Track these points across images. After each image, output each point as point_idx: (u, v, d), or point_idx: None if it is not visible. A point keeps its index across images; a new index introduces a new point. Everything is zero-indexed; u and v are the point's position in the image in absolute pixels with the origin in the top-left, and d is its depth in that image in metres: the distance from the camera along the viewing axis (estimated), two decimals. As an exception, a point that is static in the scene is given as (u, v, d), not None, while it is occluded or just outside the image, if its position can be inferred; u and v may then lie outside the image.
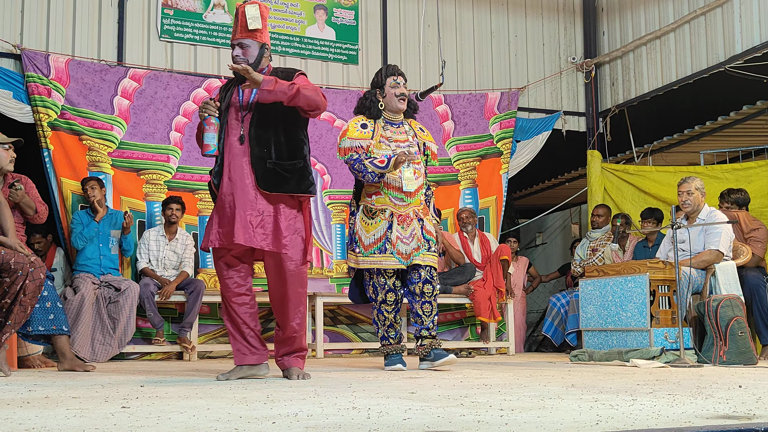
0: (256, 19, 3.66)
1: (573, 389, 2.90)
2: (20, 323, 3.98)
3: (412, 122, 4.68)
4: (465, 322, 7.47)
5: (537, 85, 8.27)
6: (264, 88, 3.52)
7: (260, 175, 3.59)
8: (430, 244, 4.48)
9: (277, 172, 3.60)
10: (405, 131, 4.58)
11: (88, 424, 1.90)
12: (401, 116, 4.63)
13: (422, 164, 4.59)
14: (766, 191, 6.74)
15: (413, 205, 4.50)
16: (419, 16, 7.73)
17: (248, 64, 3.64)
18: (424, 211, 4.56)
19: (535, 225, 10.79)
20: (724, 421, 1.92)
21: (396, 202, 4.48)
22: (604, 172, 7.92)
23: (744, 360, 4.79)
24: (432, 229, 4.54)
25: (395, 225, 4.45)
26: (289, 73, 3.74)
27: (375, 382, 3.40)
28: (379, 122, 4.58)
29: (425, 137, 4.66)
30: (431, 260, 4.47)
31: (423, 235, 4.47)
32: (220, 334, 6.75)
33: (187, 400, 2.54)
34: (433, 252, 4.50)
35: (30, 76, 6.34)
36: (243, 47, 3.68)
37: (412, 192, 4.47)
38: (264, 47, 3.72)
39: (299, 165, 3.65)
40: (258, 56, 3.70)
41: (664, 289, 5.16)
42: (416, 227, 4.46)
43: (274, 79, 3.54)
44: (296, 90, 3.53)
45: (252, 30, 3.66)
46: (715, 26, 7.02)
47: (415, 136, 4.60)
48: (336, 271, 7.24)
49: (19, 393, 2.87)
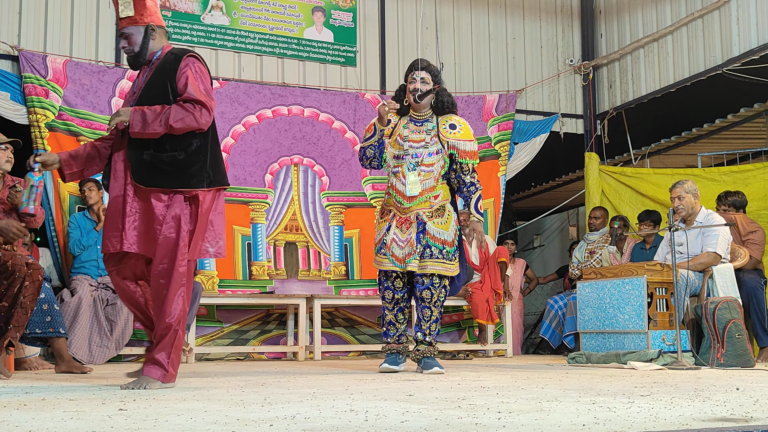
0: (128, 4, 3.38)
1: (570, 392, 2.90)
2: (22, 326, 3.96)
3: (443, 119, 4.50)
4: (463, 324, 7.47)
5: (535, 88, 8.28)
6: (132, 130, 3.26)
7: (135, 168, 3.31)
8: (432, 249, 4.36)
9: (153, 165, 3.30)
10: (426, 130, 4.45)
11: (85, 427, 1.90)
12: (429, 113, 4.51)
13: (437, 165, 4.44)
14: (764, 194, 6.75)
15: (417, 208, 4.41)
16: (417, 18, 7.73)
17: (135, 53, 3.41)
18: (436, 213, 4.44)
19: (532, 227, 10.79)
20: (722, 423, 1.92)
21: (398, 204, 4.46)
22: (601, 175, 7.92)
23: (741, 362, 4.80)
24: (437, 234, 4.40)
25: (393, 227, 4.44)
26: (179, 55, 3.42)
27: (373, 385, 3.39)
28: (403, 119, 4.52)
29: (452, 135, 4.45)
30: (433, 267, 4.36)
31: (425, 240, 4.38)
32: (217, 336, 6.74)
33: (185, 403, 2.53)
34: (438, 258, 4.37)
35: (27, 77, 6.33)
36: (126, 37, 3.42)
37: (414, 196, 4.39)
38: (149, 29, 3.42)
39: (179, 157, 3.32)
40: (143, 43, 3.41)
41: (662, 291, 5.17)
42: (413, 232, 4.40)
43: (141, 120, 3.25)
44: (165, 127, 3.26)
45: (129, 16, 3.39)
46: (713, 29, 7.03)
47: (437, 135, 4.44)
48: (334, 274, 7.23)
49: (15, 395, 2.87)
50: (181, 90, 3.34)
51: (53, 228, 6.34)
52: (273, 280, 7.02)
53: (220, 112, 7.07)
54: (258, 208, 7.11)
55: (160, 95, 3.36)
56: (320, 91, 7.46)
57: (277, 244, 7.12)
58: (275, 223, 7.15)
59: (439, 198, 4.45)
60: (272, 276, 7.04)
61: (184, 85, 3.34)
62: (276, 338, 6.94)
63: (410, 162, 4.39)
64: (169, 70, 3.38)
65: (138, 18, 3.39)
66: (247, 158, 7.11)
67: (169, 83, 3.36)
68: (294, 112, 7.32)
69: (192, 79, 3.35)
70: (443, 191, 4.50)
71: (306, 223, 7.23)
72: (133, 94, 3.44)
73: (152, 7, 3.45)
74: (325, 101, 7.42)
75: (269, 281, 7.01)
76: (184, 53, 3.43)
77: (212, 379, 3.91)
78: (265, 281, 6.99)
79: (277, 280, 7.01)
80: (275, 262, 7.08)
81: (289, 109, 7.31)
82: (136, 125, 3.26)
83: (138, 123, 3.26)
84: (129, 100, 3.45)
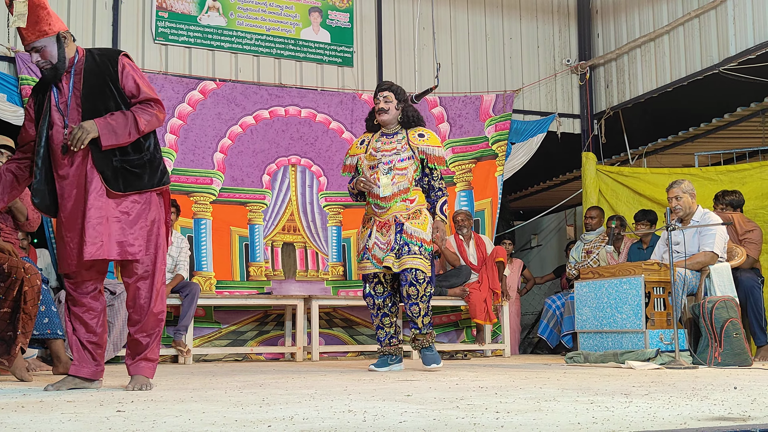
0: (22, 17, 3.14)
1: (569, 391, 2.91)
2: (29, 332, 3.97)
3: (412, 131, 4.79)
4: (460, 324, 7.47)
5: (532, 88, 8.29)
6: (105, 144, 3.20)
7: (109, 177, 3.25)
8: (410, 246, 4.56)
9: (126, 170, 3.28)
10: (398, 140, 4.76)
11: (83, 429, 1.89)
12: (398, 127, 4.82)
13: (410, 170, 4.71)
14: (760, 193, 6.75)
15: (393, 211, 4.67)
16: (414, 18, 7.74)
17: (53, 65, 3.25)
18: (413, 215, 4.66)
19: (530, 227, 10.80)
20: (720, 422, 1.92)
21: (376, 209, 4.73)
22: (598, 174, 7.93)
23: (739, 361, 4.80)
24: (414, 232, 4.60)
25: (374, 232, 4.70)
26: (110, 56, 3.35)
27: (371, 385, 3.39)
28: (375, 135, 4.86)
29: (421, 142, 4.73)
30: (412, 263, 4.54)
31: (402, 240, 4.59)
32: (215, 337, 6.74)
33: (183, 404, 2.53)
34: (416, 254, 4.56)
35: (24, 78, 6.32)
36: (39, 51, 3.23)
37: (387, 197, 4.65)
38: (60, 37, 3.25)
39: (146, 158, 3.34)
40: (59, 53, 3.24)
41: (659, 290, 5.17)
42: (392, 234, 4.64)
43: (111, 131, 3.20)
44: (137, 133, 3.26)
45: (33, 29, 3.18)
46: (709, 28, 7.04)
47: (408, 143, 4.74)
48: (332, 274, 7.23)
49: (13, 397, 2.86)
50: (134, 92, 3.32)
51: (51, 229, 6.33)
52: (271, 280, 7.02)
53: (217, 113, 7.07)
54: (255, 209, 7.10)
55: (106, 100, 3.29)
56: (317, 92, 7.46)
57: (274, 244, 7.12)
58: (273, 224, 7.14)
59: (414, 202, 4.70)
60: (270, 277, 7.04)
61: (135, 87, 3.33)
62: (274, 339, 6.94)
63: (383, 168, 4.70)
64: (105, 73, 3.31)
65: (47, 29, 3.21)
66: (244, 159, 7.11)
67: (112, 86, 3.31)
68: (291, 112, 7.32)
69: (139, 79, 3.34)
70: (418, 196, 4.74)
71: (304, 224, 7.23)
72: (66, 105, 3.30)
73: (54, 14, 3.28)
74: (323, 102, 7.42)
75: (267, 282, 7.01)
76: (115, 53, 3.37)
77: (210, 380, 3.91)
78: (262, 282, 6.99)
79: (275, 281, 7.01)
80: (273, 263, 7.08)
81: (287, 110, 7.31)
82: (107, 138, 3.20)
83: (109, 135, 3.20)
84: (63, 111, 3.30)
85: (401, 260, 4.56)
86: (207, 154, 7.00)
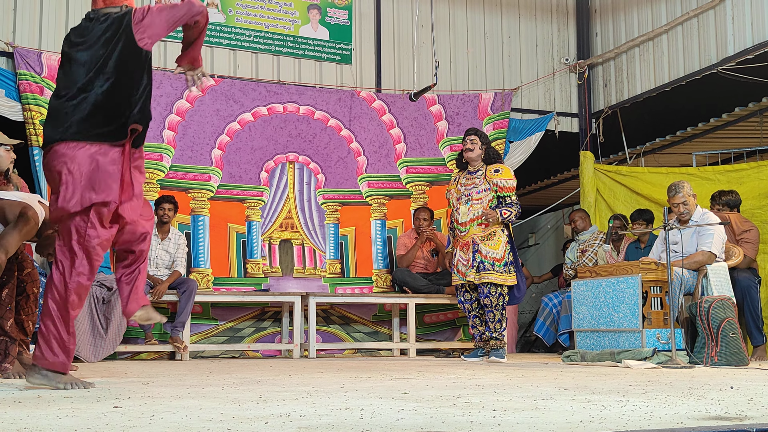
0: None
1: (565, 390, 2.91)
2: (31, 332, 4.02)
3: (490, 167, 5.80)
4: (457, 323, 7.47)
5: (530, 86, 8.29)
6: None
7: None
8: (485, 264, 5.63)
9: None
10: (478, 176, 5.83)
11: (80, 424, 1.90)
12: (480, 164, 5.86)
13: (484, 200, 5.73)
14: (758, 193, 6.76)
15: (471, 234, 5.73)
16: (413, 16, 7.73)
17: None
18: (487, 237, 5.68)
19: (527, 226, 10.81)
20: (716, 422, 1.92)
21: (458, 233, 5.86)
22: (596, 173, 7.94)
23: (735, 361, 4.81)
24: (488, 252, 5.63)
25: (458, 251, 5.83)
26: None
27: (368, 383, 3.39)
28: (462, 172, 5.99)
29: (496, 176, 5.74)
30: (487, 277, 5.61)
31: (479, 258, 5.64)
32: (212, 334, 6.74)
33: (180, 400, 2.53)
34: (490, 270, 5.61)
35: (22, 74, 6.31)
36: None
37: (465, 222, 5.76)
38: None
39: None
40: None
41: (657, 290, 5.18)
42: (470, 252, 5.71)
43: None
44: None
45: None
46: (708, 28, 7.04)
47: (485, 177, 5.77)
48: (329, 271, 7.23)
49: (10, 392, 2.86)
50: None
51: (48, 225, 6.33)
52: (268, 277, 7.02)
53: (215, 109, 7.06)
54: (253, 206, 7.10)
55: None
56: (316, 89, 7.45)
57: (272, 241, 7.12)
58: (270, 221, 7.14)
59: (489, 226, 5.70)
60: (267, 274, 7.04)
61: None
62: (271, 336, 6.94)
63: (464, 199, 5.80)
64: None
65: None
66: (242, 156, 7.10)
67: None
68: (289, 109, 7.31)
69: None
70: None
71: (301, 221, 7.23)
72: None
73: None
74: (321, 99, 7.42)
75: (264, 279, 7.00)
76: None
77: (207, 376, 3.91)
78: (260, 279, 6.99)
79: (272, 278, 7.00)
80: (270, 260, 7.07)
81: (285, 107, 7.30)
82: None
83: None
84: None
85: (480, 275, 5.64)
86: (205, 151, 7.00)
